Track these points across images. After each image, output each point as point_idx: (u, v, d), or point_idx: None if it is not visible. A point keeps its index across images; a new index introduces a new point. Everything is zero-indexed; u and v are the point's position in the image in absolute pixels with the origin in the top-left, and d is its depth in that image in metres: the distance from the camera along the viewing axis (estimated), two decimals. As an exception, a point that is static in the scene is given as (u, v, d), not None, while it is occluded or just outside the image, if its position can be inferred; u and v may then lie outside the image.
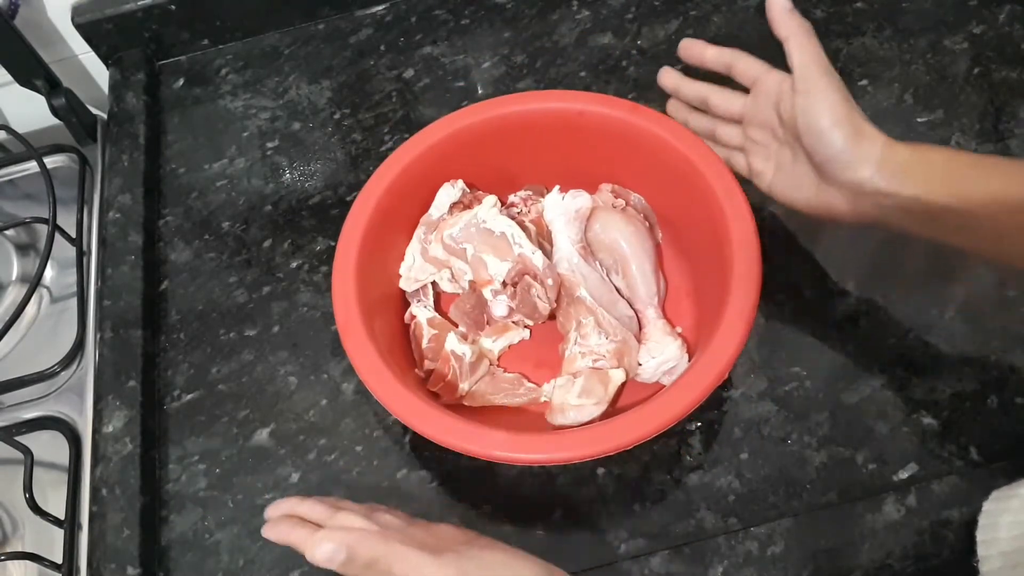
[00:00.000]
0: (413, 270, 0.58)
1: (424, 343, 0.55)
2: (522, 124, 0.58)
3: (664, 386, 0.53)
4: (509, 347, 0.58)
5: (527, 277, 0.54)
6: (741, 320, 0.47)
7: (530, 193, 0.61)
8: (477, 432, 0.47)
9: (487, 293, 0.56)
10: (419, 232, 0.58)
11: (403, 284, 0.58)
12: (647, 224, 0.59)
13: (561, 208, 0.57)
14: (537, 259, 0.54)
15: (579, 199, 0.58)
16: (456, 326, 0.57)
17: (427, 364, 0.55)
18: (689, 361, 0.53)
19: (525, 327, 0.57)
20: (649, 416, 0.46)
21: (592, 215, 0.58)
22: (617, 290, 0.57)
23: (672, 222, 0.59)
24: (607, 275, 0.57)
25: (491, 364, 0.57)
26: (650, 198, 0.60)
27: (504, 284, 0.55)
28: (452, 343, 0.55)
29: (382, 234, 0.56)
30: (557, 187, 0.59)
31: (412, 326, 0.57)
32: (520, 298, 0.54)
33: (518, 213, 0.59)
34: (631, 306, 0.56)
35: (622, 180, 0.60)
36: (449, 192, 0.58)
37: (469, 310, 0.57)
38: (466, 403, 0.55)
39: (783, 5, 0.49)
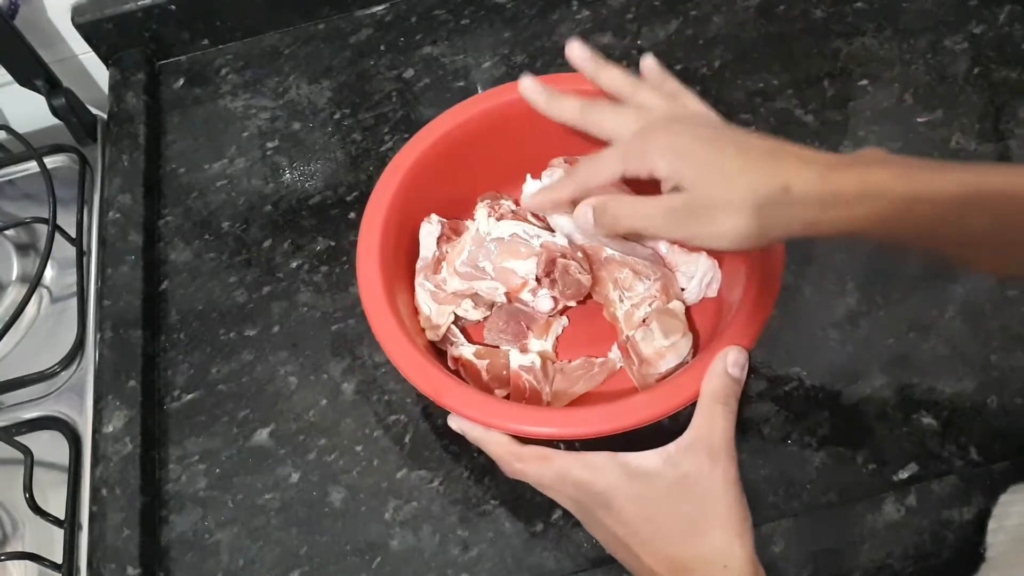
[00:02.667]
0: (433, 317, 0.56)
1: (484, 376, 0.54)
2: (464, 136, 0.57)
3: (713, 299, 0.55)
4: (557, 340, 0.57)
5: (559, 259, 0.54)
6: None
7: (488, 201, 0.59)
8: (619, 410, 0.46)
9: (526, 295, 0.55)
10: (420, 280, 0.57)
11: (431, 336, 0.56)
12: None
13: None
14: (559, 239, 0.54)
15: (556, 175, 0.58)
16: (499, 348, 0.56)
17: (498, 393, 0.54)
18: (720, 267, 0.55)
19: (562, 314, 0.57)
20: (741, 335, 0.47)
21: None
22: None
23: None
24: None
25: (553, 362, 0.56)
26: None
27: (538, 279, 0.54)
28: (516, 359, 0.54)
29: (397, 294, 0.54)
30: (528, 176, 0.58)
31: (460, 369, 0.55)
32: (562, 281, 0.54)
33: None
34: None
35: (567, 151, 0.60)
36: (430, 229, 0.57)
37: (504, 326, 0.56)
38: (554, 406, 0.54)
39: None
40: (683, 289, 0.56)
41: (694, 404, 0.45)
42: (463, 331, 0.57)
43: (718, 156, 0.42)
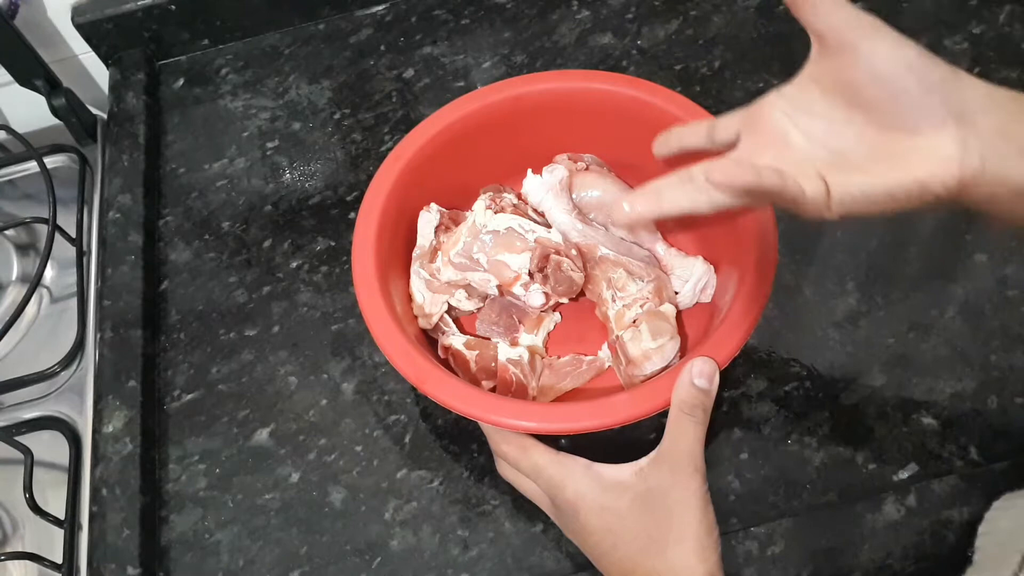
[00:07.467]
0: (426, 306, 0.56)
1: (472, 367, 0.54)
2: (468, 128, 0.57)
3: (707, 304, 0.55)
4: (548, 335, 0.57)
5: (552, 256, 0.54)
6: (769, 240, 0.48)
7: (490, 193, 0.60)
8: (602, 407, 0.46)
9: (518, 289, 0.55)
10: (415, 268, 0.57)
11: (423, 324, 0.56)
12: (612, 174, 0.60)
13: (546, 186, 0.58)
14: (554, 236, 0.54)
15: (557, 171, 0.58)
16: (489, 340, 0.56)
17: (485, 384, 0.54)
18: (715, 272, 0.55)
19: (554, 310, 0.57)
20: (720, 344, 0.46)
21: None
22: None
23: (634, 165, 0.59)
24: (607, 230, 0.58)
25: (542, 357, 0.56)
26: (605, 152, 0.60)
27: (531, 273, 0.54)
28: (504, 352, 0.54)
29: (391, 280, 0.54)
30: (530, 170, 0.59)
31: (450, 358, 0.55)
32: (554, 278, 0.54)
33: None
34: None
35: (571, 148, 0.60)
36: (428, 218, 0.57)
37: (496, 319, 0.56)
38: (539, 401, 0.54)
39: None
40: (677, 293, 0.56)
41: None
42: (456, 321, 0.57)
43: None
